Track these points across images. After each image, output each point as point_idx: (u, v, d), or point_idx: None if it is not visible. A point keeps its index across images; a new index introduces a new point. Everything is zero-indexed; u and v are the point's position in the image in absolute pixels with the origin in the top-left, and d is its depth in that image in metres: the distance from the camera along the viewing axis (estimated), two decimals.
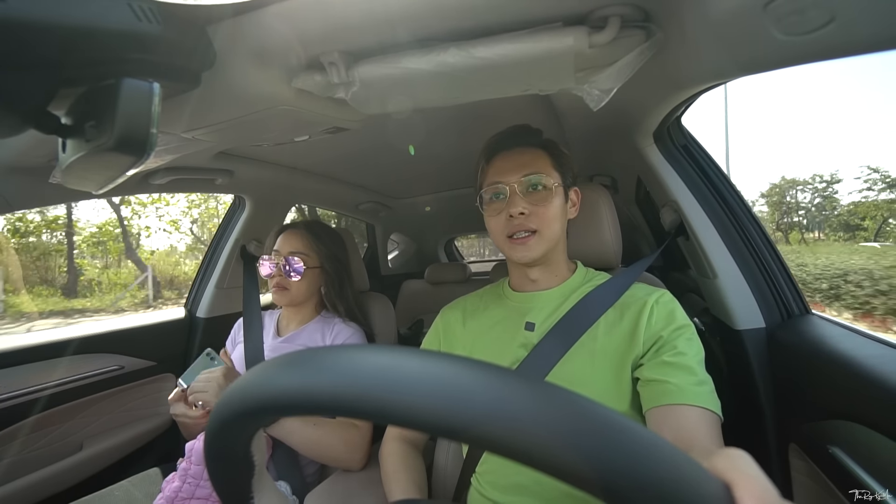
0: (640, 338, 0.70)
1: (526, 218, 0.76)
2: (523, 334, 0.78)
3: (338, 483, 0.97)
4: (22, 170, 0.87)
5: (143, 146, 0.46)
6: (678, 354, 0.66)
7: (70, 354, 1.22)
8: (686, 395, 0.62)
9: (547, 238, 0.77)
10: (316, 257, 1.17)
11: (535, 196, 0.77)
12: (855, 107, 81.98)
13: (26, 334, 1.23)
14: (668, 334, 0.69)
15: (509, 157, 0.79)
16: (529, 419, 0.21)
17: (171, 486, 0.86)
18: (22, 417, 1.11)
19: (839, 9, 0.42)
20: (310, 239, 1.17)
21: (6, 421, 1.09)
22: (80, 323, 4.74)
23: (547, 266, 0.82)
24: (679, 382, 0.63)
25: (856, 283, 6.29)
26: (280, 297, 1.14)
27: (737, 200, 1.03)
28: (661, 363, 0.67)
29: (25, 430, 1.12)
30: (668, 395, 0.63)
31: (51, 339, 1.21)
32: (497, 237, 0.80)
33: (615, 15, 0.56)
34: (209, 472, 0.32)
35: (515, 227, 0.76)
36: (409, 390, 0.23)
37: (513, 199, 0.76)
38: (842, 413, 0.68)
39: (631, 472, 0.20)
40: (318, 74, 0.66)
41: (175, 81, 0.61)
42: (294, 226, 1.21)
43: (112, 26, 0.46)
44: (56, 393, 1.17)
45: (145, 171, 1.08)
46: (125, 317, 1.57)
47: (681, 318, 0.72)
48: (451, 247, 3.35)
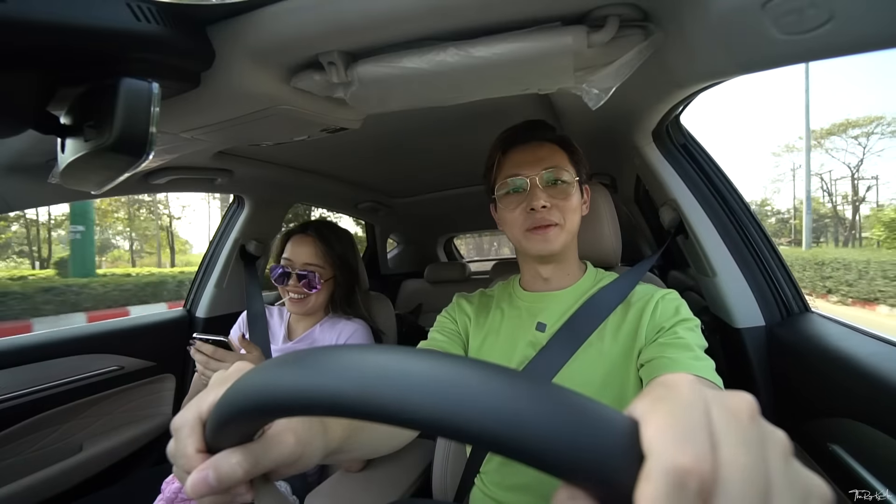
0: (642, 331, 0.70)
1: (548, 211, 0.75)
2: (533, 334, 0.78)
3: (338, 483, 0.98)
4: (21, 170, 0.87)
5: (143, 146, 0.46)
6: (677, 338, 0.66)
7: (70, 355, 1.22)
8: (681, 365, 0.61)
9: (568, 231, 0.77)
10: (329, 267, 1.16)
11: (556, 190, 0.76)
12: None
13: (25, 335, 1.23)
14: (669, 325, 0.69)
15: (527, 151, 0.78)
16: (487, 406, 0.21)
17: (172, 487, 0.87)
18: (22, 418, 1.11)
19: (837, 8, 0.42)
20: (323, 248, 1.16)
21: (6, 422, 1.09)
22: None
23: (560, 264, 0.81)
24: (675, 356, 0.63)
25: None
26: (297, 308, 1.14)
27: (736, 199, 1.03)
28: (658, 344, 0.67)
29: (25, 431, 1.12)
30: (663, 367, 0.62)
31: (50, 338, 1.21)
32: (515, 230, 0.79)
33: (614, 14, 0.56)
34: None
35: (538, 220, 0.75)
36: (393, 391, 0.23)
37: (534, 192, 0.75)
38: (842, 411, 0.68)
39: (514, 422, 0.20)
40: (316, 74, 0.66)
41: (174, 81, 0.60)
42: (304, 231, 1.19)
43: (111, 26, 0.46)
44: (56, 393, 1.17)
45: (144, 171, 1.08)
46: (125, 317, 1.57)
47: (685, 313, 0.72)
48: (450, 246, 3.35)
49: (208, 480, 0.29)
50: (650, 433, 0.19)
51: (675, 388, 0.22)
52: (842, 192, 30.16)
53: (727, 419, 0.20)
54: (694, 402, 0.21)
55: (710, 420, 0.20)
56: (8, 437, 1.09)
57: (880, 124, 26.20)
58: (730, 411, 0.21)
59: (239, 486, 0.31)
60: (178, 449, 0.32)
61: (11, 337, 1.18)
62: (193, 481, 0.30)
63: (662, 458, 0.18)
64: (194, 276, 1.68)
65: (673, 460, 0.18)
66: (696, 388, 0.22)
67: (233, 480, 0.30)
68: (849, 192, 29.51)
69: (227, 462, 0.30)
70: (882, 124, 26.14)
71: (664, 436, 0.19)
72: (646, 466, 0.18)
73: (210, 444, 0.32)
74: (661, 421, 0.20)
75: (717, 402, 0.21)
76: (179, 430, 0.32)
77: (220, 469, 0.30)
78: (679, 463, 0.18)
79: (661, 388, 0.23)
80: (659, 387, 0.23)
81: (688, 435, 0.19)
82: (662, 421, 0.20)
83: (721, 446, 0.19)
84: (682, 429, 0.19)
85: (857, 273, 11.32)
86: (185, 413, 0.33)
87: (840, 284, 11.91)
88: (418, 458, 1.12)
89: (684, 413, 0.20)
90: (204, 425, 0.32)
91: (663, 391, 0.22)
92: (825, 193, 30.18)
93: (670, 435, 0.19)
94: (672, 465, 0.18)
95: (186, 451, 0.31)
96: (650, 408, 0.21)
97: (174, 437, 0.33)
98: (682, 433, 0.19)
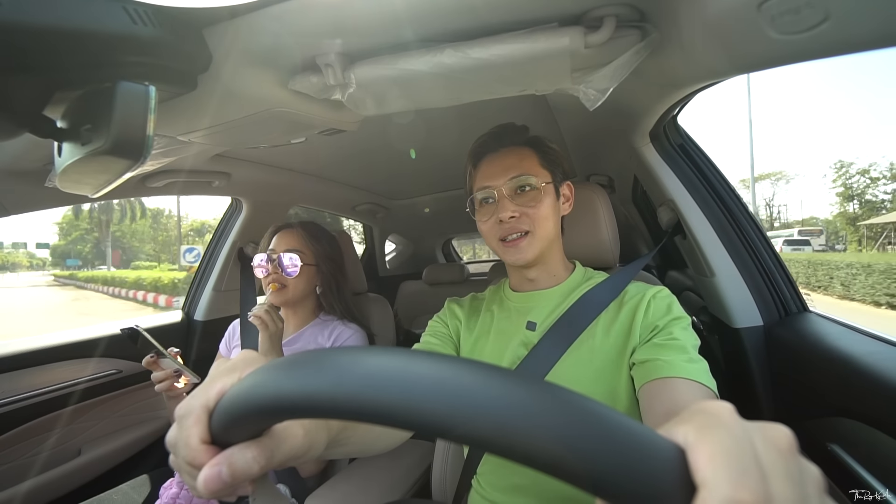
0: (636, 329, 0.71)
1: (517, 220, 0.75)
2: (524, 333, 0.78)
3: (338, 485, 0.97)
4: (17, 174, 0.87)
5: (140, 149, 0.46)
6: (672, 339, 0.66)
7: (68, 359, 1.22)
8: (676, 369, 0.62)
9: (540, 237, 0.77)
10: (311, 255, 1.17)
11: (524, 197, 0.76)
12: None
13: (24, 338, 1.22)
14: (664, 324, 0.69)
15: (495, 160, 0.79)
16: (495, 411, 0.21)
17: (170, 493, 0.86)
18: (21, 422, 1.11)
19: (833, 8, 0.42)
20: (305, 237, 1.17)
21: (4, 426, 1.08)
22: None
23: (544, 265, 0.82)
24: (670, 359, 0.63)
25: None
26: (277, 296, 1.14)
27: (733, 199, 1.03)
28: (652, 345, 0.67)
29: (24, 435, 1.11)
30: (658, 370, 0.63)
31: (49, 343, 1.21)
32: (490, 241, 0.80)
33: (611, 15, 0.56)
34: None
35: (507, 230, 0.76)
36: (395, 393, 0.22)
37: (501, 203, 0.76)
38: (841, 410, 0.69)
39: (558, 446, 0.20)
40: (314, 76, 0.66)
41: (171, 84, 0.60)
42: (289, 225, 1.21)
43: (107, 29, 0.46)
44: (54, 398, 1.16)
45: (142, 174, 1.08)
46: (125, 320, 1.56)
47: (677, 311, 0.72)
48: (448, 247, 3.35)
49: (222, 476, 0.28)
50: (702, 463, 0.20)
51: (720, 416, 0.23)
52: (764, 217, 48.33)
53: (773, 453, 0.21)
54: (742, 433, 0.21)
55: (757, 453, 0.21)
56: (6, 442, 1.08)
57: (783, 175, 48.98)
58: (773, 444, 0.21)
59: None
60: (181, 438, 0.30)
61: (10, 341, 1.18)
62: (206, 477, 0.28)
63: (720, 492, 0.19)
64: (192, 279, 1.67)
65: (732, 495, 0.19)
66: (737, 417, 0.23)
67: (247, 476, 0.29)
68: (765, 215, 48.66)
69: (242, 458, 0.29)
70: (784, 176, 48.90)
71: (720, 468, 0.19)
72: (700, 498, 0.19)
73: (216, 437, 0.30)
74: (713, 451, 0.20)
75: (761, 435, 0.22)
76: (184, 418, 0.30)
77: (236, 465, 0.28)
78: (738, 498, 0.18)
79: (703, 415, 0.23)
80: (701, 414, 0.24)
81: (743, 469, 0.19)
82: (715, 451, 0.20)
83: (770, 480, 0.19)
84: (736, 462, 0.20)
85: None
86: (190, 401, 0.31)
87: None
88: (418, 459, 1.12)
89: (736, 445, 0.20)
90: (210, 415, 0.30)
91: (707, 419, 0.23)
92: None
93: (725, 468, 0.19)
94: (731, 499, 0.18)
95: (190, 442, 0.29)
96: (698, 436, 0.21)
97: (177, 424, 0.31)
98: (738, 467, 0.19)
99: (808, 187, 72.05)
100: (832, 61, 0.65)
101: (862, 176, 33.60)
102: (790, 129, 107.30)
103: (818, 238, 28.96)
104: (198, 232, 49.71)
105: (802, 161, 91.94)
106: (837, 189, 34.72)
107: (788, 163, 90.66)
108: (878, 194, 33.29)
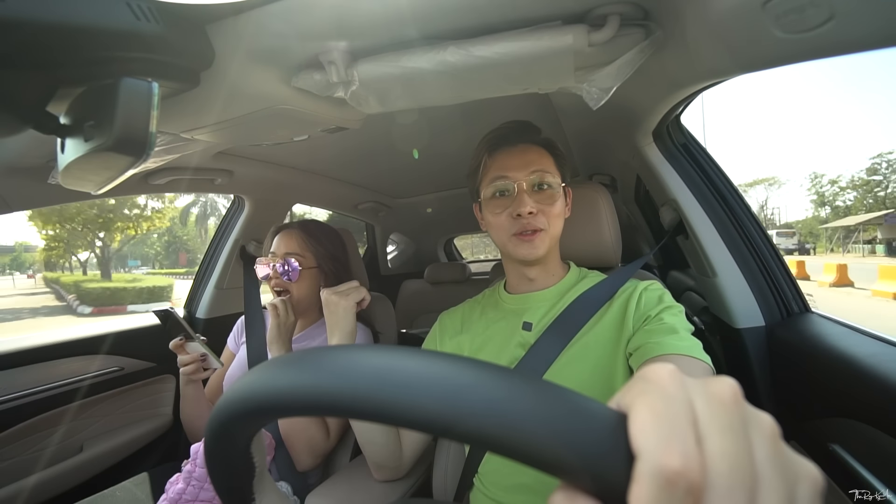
0: (629, 321, 0.72)
1: (534, 217, 0.75)
2: (521, 334, 0.78)
3: (338, 483, 0.97)
4: (20, 170, 0.87)
5: (142, 146, 0.46)
6: (662, 323, 0.68)
7: (71, 356, 1.22)
8: (667, 347, 0.62)
9: (552, 236, 0.77)
10: (312, 257, 1.16)
11: (542, 195, 0.76)
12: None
13: (26, 335, 1.23)
14: (655, 312, 0.71)
15: (514, 153, 0.78)
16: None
17: (175, 488, 0.86)
18: (23, 419, 1.11)
19: (838, 7, 0.42)
20: (305, 239, 1.16)
21: (7, 423, 1.08)
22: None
23: (545, 265, 0.82)
24: (661, 340, 0.64)
25: None
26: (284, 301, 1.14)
27: (736, 199, 1.03)
28: (644, 332, 0.68)
29: (26, 431, 1.12)
30: (650, 351, 0.63)
31: (51, 340, 1.21)
32: (501, 235, 0.79)
33: (614, 13, 0.56)
34: (210, 473, 0.32)
35: (524, 226, 0.75)
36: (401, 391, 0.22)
37: (521, 197, 0.75)
38: (842, 411, 0.68)
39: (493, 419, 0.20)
40: (317, 73, 0.66)
41: (174, 81, 0.60)
42: (289, 226, 1.20)
43: (111, 25, 0.46)
44: (56, 394, 1.17)
45: (144, 172, 1.08)
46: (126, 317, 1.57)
47: (668, 301, 0.73)
48: (450, 246, 3.35)
49: None
50: (636, 430, 0.19)
51: (657, 380, 0.21)
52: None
53: (711, 407, 0.20)
54: (676, 393, 0.20)
55: (694, 410, 0.20)
56: (9, 438, 1.08)
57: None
58: (713, 398, 0.20)
59: None
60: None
61: (12, 338, 1.18)
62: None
63: (650, 460, 0.18)
64: (195, 277, 1.68)
65: (660, 462, 0.18)
66: (676, 378, 0.21)
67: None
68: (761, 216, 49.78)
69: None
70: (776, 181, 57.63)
71: (650, 434, 0.19)
72: (636, 468, 0.18)
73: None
74: (644, 416, 0.19)
75: (700, 391, 0.21)
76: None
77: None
78: (666, 464, 0.18)
79: (642, 381, 0.22)
80: (640, 381, 0.22)
81: (673, 432, 0.19)
82: (646, 416, 0.19)
83: (707, 438, 0.18)
84: (666, 425, 0.19)
85: None
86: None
87: None
88: (419, 458, 1.11)
89: (667, 408, 0.20)
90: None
91: (644, 385, 0.22)
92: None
93: (655, 433, 0.19)
94: (660, 466, 0.18)
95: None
96: (632, 403, 0.20)
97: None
98: (668, 431, 0.19)
99: (794, 192, 77.27)
100: (832, 61, 0.64)
101: (832, 185, 46.82)
102: (791, 130, 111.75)
103: (791, 239, 34.30)
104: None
105: (796, 165, 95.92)
106: (811, 196, 46.95)
107: (782, 168, 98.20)
108: (847, 201, 44.07)
